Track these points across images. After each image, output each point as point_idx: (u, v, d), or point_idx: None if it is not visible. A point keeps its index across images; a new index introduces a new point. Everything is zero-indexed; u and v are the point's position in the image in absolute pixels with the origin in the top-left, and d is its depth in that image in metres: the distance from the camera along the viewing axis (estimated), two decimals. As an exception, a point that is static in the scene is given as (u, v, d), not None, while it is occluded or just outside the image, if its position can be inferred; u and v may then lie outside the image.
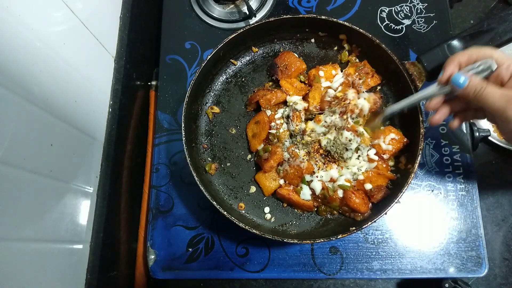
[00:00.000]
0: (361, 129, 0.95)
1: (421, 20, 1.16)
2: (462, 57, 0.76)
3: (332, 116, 0.95)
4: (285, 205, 0.99)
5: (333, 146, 0.95)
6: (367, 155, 0.95)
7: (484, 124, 1.25)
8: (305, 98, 1.00)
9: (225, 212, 0.88)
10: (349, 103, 0.93)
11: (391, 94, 1.03)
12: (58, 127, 0.80)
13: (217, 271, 1.00)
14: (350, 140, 0.93)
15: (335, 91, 0.99)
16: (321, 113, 0.97)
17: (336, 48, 1.08)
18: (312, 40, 1.09)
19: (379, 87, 1.03)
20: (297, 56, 1.06)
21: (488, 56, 0.74)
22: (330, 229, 0.94)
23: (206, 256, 1.01)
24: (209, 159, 1.03)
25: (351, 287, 1.14)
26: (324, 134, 0.96)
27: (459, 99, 0.80)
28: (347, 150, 0.94)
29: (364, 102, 0.94)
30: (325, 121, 0.95)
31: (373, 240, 0.99)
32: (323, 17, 1.00)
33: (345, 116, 0.94)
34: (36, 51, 0.75)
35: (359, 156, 0.95)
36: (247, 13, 1.17)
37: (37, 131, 0.73)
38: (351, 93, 0.94)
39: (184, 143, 0.93)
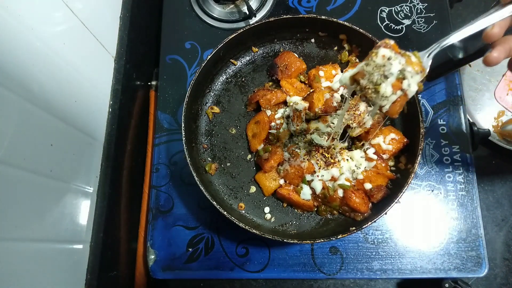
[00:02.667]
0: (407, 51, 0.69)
1: (421, 20, 1.16)
2: None
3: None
4: (285, 205, 0.99)
5: (365, 79, 0.68)
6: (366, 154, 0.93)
7: (484, 124, 1.25)
8: (307, 99, 1.00)
9: (225, 212, 0.88)
10: (359, 114, 0.93)
11: (391, 94, 1.02)
12: (58, 127, 0.80)
13: (217, 271, 1.00)
14: (389, 59, 0.65)
15: (336, 92, 0.99)
16: (327, 115, 0.97)
17: (336, 48, 1.08)
18: (312, 40, 1.09)
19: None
20: (297, 56, 1.06)
21: None
22: (330, 229, 0.94)
23: (206, 256, 1.01)
24: (209, 159, 1.03)
25: (351, 287, 1.14)
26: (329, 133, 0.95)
27: None
28: (386, 78, 0.66)
29: (370, 118, 0.94)
30: (332, 123, 0.95)
31: (373, 240, 0.99)
32: (323, 17, 1.00)
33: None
34: (36, 51, 0.75)
35: (404, 90, 0.67)
36: (247, 13, 1.17)
37: (37, 131, 0.73)
38: (363, 106, 0.94)
39: (184, 143, 0.93)
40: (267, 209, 0.99)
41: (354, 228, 0.86)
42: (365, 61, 0.69)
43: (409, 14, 1.17)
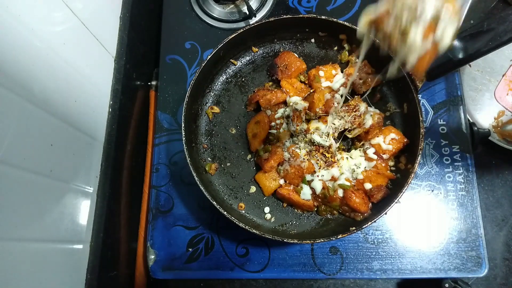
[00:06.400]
0: None
1: (421, 20, 1.16)
2: None
3: (340, 120, 0.95)
4: (285, 205, 0.99)
5: (390, 24, 0.55)
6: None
7: (484, 124, 1.25)
8: (308, 99, 1.00)
9: (225, 212, 0.88)
10: (360, 115, 0.94)
11: (391, 94, 1.03)
12: (58, 127, 0.80)
13: (217, 271, 1.00)
14: None
15: (337, 92, 0.99)
16: (328, 115, 0.97)
17: (336, 48, 1.08)
18: (312, 40, 1.09)
19: (379, 87, 1.03)
20: (297, 56, 1.06)
21: None
22: (330, 229, 0.94)
23: (206, 256, 1.01)
24: (209, 159, 1.03)
25: (351, 287, 1.14)
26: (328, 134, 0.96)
27: None
28: (416, 22, 0.53)
29: (369, 118, 0.94)
30: (333, 123, 0.95)
31: (373, 240, 0.99)
32: (323, 17, 1.00)
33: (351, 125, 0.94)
34: (36, 51, 0.75)
35: (436, 41, 0.53)
36: (247, 13, 1.17)
37: (37, 131, 0.73)
38: (363, 107, 0.94)
39: (184, 143, 0.93)
40: (267, 209, 0.99)
41: (354, 228, 0.86)
42: None
43: (409, 14, 1.17)
